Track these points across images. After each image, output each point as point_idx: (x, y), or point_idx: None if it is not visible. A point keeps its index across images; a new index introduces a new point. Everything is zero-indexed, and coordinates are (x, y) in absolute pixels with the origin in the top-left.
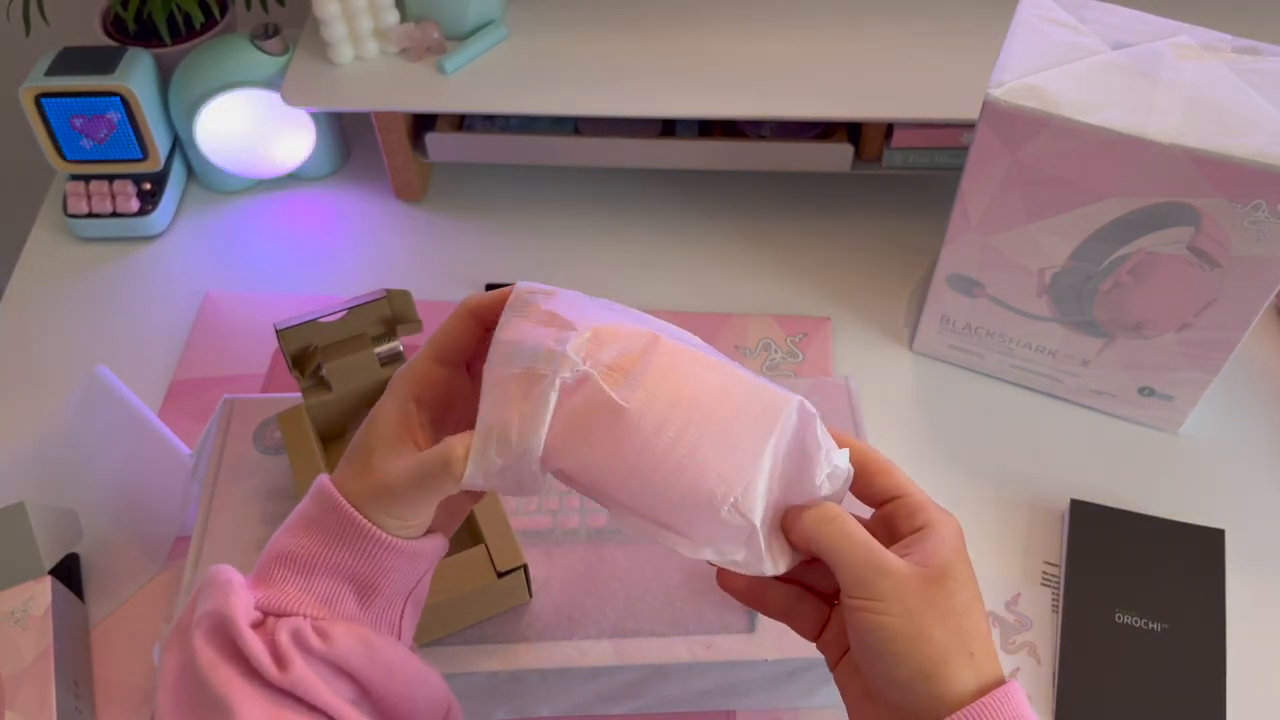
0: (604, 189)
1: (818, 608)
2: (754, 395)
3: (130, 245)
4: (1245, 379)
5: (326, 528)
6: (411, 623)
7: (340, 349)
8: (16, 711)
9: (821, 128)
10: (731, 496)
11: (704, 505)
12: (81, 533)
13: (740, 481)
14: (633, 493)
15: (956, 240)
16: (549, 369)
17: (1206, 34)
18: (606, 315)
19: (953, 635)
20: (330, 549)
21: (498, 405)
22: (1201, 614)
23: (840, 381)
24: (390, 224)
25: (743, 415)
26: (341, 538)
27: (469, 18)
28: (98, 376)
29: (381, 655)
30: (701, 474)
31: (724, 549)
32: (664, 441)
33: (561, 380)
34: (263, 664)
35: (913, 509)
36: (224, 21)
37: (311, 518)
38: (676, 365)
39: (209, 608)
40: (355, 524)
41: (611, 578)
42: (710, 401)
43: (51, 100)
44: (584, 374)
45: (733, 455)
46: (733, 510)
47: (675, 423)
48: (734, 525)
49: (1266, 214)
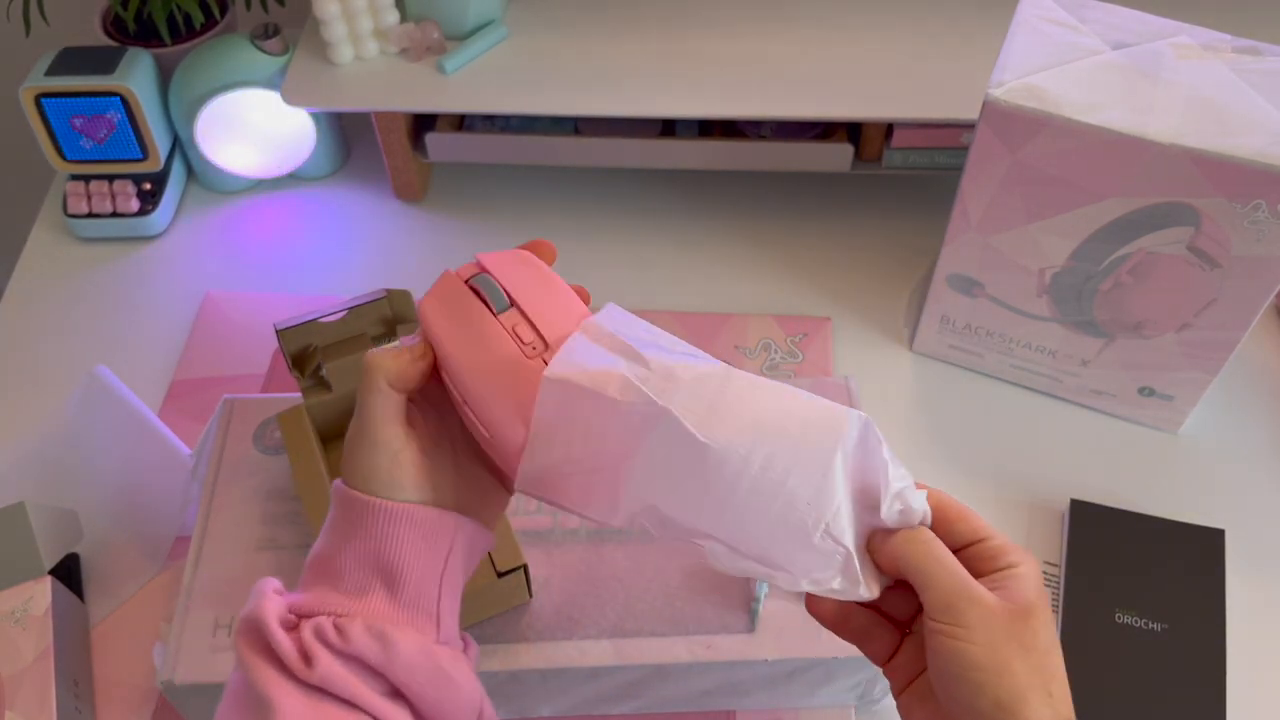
0: (604, 189)
1: (891, 633)
2: (815, 410)
3: (130, 245)
4: (1245, 379)
5: (341, 520)
6: (451, 613)
7: (340, 349)
8: (16, 711)
9: (821, 128)
10: (823, 522)
11: (797, 534)
12: (81, 533)
13: (828, 506)
14: (728, 531)
15: (956, 240)
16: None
17: (1206, 34)
18: (672, 347)
19: (1034, 673)
20: (347, 539)
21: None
22: (1201, 614)
23: (840, 381)
24: (390, 224)
25: (809, 432)
26: (352, 522)
27: (469, 18)
28: (98, 376)
29: (400, 652)
30: (791, 503)
31: (820, 577)
32: (750, 476)
33: (643, 418)
34: (291, 661)
35: (996, 551)
36: (224, 21)
37: (332, 519)
38: (748, 397)
39: (245, 613)
40: (357, 501)
41: (611, 578)
42: (782, 425)
43: (51, 100)
44: (662, 409)
45: (813, 477)
46: (825, 536)
47: (759, 456)
48: (827, 552)
49: (1266, 214)
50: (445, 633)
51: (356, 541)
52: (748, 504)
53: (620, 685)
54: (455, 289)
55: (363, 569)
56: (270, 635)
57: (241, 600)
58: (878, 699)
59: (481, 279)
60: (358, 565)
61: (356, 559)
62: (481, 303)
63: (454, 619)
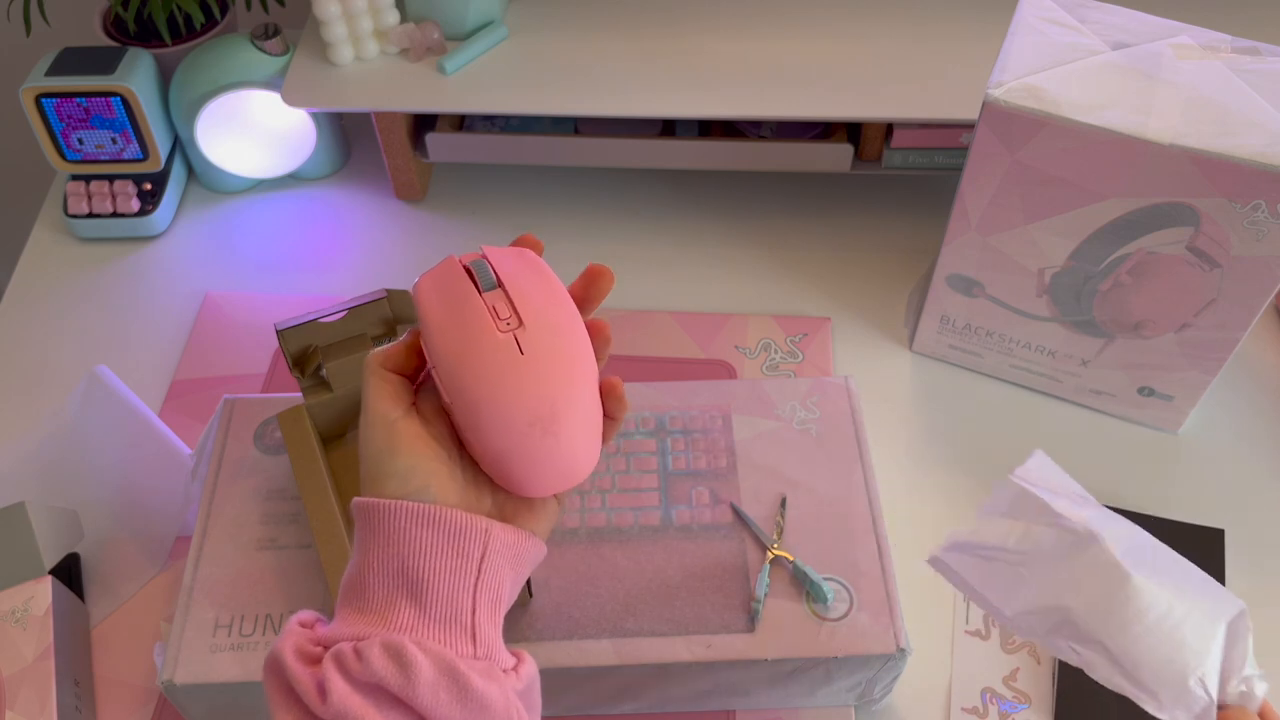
0: (604, 189)
1: None
2: (1212, 584)
3: (130, 245)
4: (1245, 379)
5: (362, 534)
6: (492, 625)
7: (340, 349)
8: (16, 711)
9: (821, 128)
10: (1200, 671)
11: (1177, 674)
12: (81, 533)
13: (1207, 660)
14: (1119, 647)
15: (956, 240)
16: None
17: (1206, 34)
18: (1096, 510)
19: None
20: (367, 552)
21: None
22: None
23: (840, 381)
24: (390, 224)
25: (1207, 597)
26: (371, 531)
27: (469, 18)
28: (98, 376)
29: (420, 674)
30: (1179, 646)
31: (1179, 715)
32: (1157, 611)
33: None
34: (308, 697)
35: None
36: (224, 21)
37: (355, 537)
38: (1160, 552)
39: (269, 650)
40: (373, 507)
41: (611, 578)
42: (1187, 581)
43: (51, 100)
44: (1096, 533)
45: (1204, 633)
46: (1199, 683)
47: (1165, 597)
48: (1196, 696)
49: (1266, 214)
50: (484, 647)
51: (377, 552)
52: (1148, 631)
53: (620, 685)
54: (451, 270)
55: (386, 582)
56: (287, 670)
57: (242, 600)
58: (878, 699)
59: (477, 262)
60: (381, 579)
61: (379, 572)
62: (471, 282)
63: (496, 632)
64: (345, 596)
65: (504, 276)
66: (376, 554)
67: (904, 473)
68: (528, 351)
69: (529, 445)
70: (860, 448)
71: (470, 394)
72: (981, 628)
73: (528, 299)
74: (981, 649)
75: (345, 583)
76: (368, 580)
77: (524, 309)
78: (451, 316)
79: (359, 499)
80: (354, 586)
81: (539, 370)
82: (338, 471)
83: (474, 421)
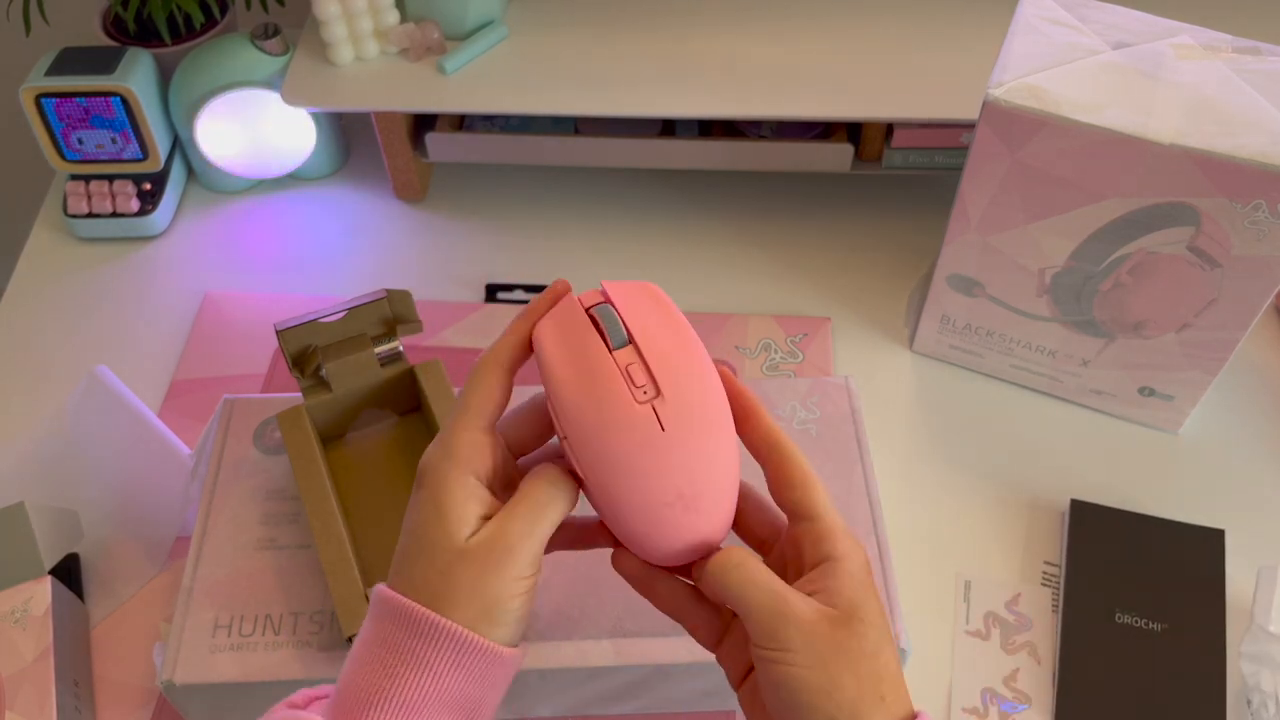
0: (604, 189)
1: (712, 614)
2: None
3: (130, 245)
4: (1245, 379)
5: (416, 653)
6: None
7: (340, 349)
8: (16, 711)
9: (821, 128)
10: None
11: None
12: (81, 533)
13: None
14: None
15: (956, 240)
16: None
17: (1206, 34)
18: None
19: (864, 681)
20: (431, 677)
21: None
22: (1201, 614)
23: (840, 381)
24: (390, 224)
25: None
26: (449, 660)
27: (469, 18)
28: (98, 376)
29: None
30: None
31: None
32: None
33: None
34: None
35: (820, 535)
36: (224, 21)
37: (393, 643)
38: None
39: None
40: (462, 640)
41: (611, 578)
42: None
43: (51, 100)
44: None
45: None
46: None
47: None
48: None
49: (1266, 214)
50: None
51: (444, 678)
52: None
53: (620, 685)
54: (574, 317)
55: (443, 714)
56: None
57: (241, 600)
58: None
59: (603, 309)
60: (440, 710)
61: (439, 704)
62: (597, 333)
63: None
64: (377, 711)
65: (633, 328)
66: (441, 681)
67: (904, 473)
68: (669, 428)
69: (668, 521)
70: (860, 448)
71: (606, 472)
72: (981, 628)
73: (664, 360)
74: (981, 649)
75: (370, 690)
76: (421, 707)
77: (661, 374)
78: (582, 382)
79: (421, 611)
80: (396, 705)
81: (680, 448)
82: (337, 471)
83: (609, 497)
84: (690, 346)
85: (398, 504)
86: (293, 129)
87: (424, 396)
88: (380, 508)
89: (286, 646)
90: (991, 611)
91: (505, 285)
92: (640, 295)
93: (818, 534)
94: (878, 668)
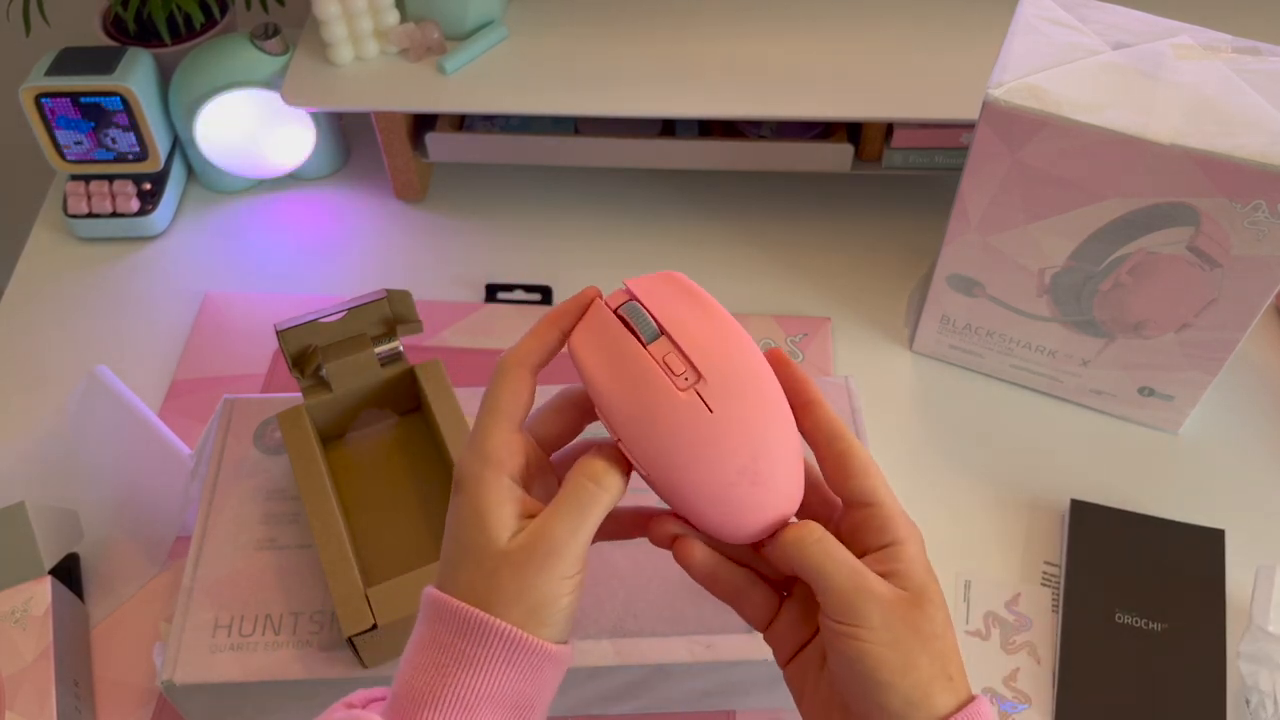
0: (604, 189)
1: (768, 595)
2: None
3: (130, 245)
4: (1245, 379)
5: (467, 653)
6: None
7: (340, 349)
8: (16, 711)
9: (821, 128)
10: None
11: None
12: (81, 533)
13: None
14: None
15: (956, 240)
16: None
17: (1206, 34)
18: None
19: (935, 661)
20: (484, 676)
21: None
22: (1201, 614)
23: (840, 381)
24: (390, 224)
25: None
26: (500, 659)
27: (469, 18)
28: (98, 376)
29: None
30: None
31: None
32: None
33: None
34: None
35: (884, 521)
36: (224, 21)
37: (444, 644)
38: None
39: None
40: (512, 639)
41: (611, 578)
42: None
43: (51, 100)
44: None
45: None
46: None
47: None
48: None
49: (1266, 214)
50: None
51: (496, 677)
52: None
53: (620, 685)
54: (604, 321)
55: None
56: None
57: (241, 600)
58: None
59: (630, 307)
60: (493, 708)
61: (492, 702)
62: (629, 331)
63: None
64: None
65: (663, 319)
66: (494, 680)
67: (904, 473)
68: (716, 409)
69: (735, 499)
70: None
71: (666, 465)
72: (981, 628)
73: (697, 344)
74: (981, 649)
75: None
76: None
77: (697, 358)
78: (622, 383)
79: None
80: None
81: (731, 425)
82: (338, 471)
83: (674, 489)
84: (724, 326)
85: (398, 504)
86: (293, 129)
87: (424, 396)
88: (380, 508)
89: (287, 646)
90: (991, 611)
91: (505, 285)
92: (665, 286)
93: (882, 519)
94: (945, 649)
